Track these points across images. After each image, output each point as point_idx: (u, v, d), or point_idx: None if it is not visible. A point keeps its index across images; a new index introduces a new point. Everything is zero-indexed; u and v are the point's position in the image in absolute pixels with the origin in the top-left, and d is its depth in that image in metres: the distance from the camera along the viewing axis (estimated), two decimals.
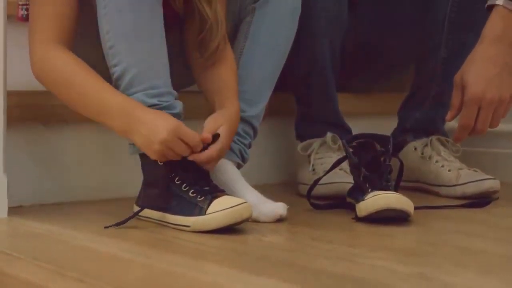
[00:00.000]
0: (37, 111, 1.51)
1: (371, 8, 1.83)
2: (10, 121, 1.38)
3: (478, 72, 1.47)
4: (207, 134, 1.29)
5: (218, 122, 1.33)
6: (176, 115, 1.29)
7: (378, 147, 1.38)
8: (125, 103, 1.27)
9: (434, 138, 1.74)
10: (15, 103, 1.44)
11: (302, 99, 1.73)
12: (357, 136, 1.41)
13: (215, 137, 1.30)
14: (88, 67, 1.30)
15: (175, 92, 1.32)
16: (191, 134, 1.25)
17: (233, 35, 1.47)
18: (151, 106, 1.28)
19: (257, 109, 1.47)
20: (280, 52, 1.49)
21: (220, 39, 1.40)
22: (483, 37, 1.49)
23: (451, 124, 1.75)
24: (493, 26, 1.48)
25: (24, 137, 1.51)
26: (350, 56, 1.81)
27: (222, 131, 1.32)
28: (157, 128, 1.24)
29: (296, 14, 1.49)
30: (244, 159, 1.46)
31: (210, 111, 1.39)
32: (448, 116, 1.51)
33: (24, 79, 1.41)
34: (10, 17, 1.41)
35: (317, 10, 1.60)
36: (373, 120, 1.91)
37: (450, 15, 1.67)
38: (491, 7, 1.48)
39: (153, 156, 1.26)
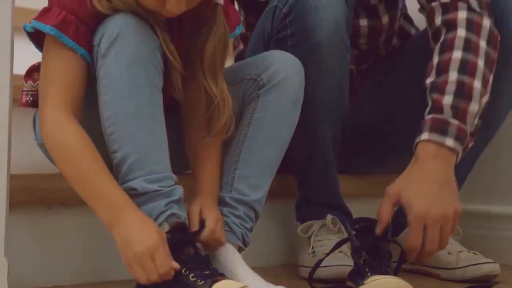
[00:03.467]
0: (40, 194, 1.51)
1: (371, 93, 1.85)
2: (12, 204, 1.38)
3: (419, 191, 1.46)
4: (176, 265, 1.26)
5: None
6: (176, 202, 1.31)
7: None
8: (119, 198, 1.28)
9: None
10: (18, 186, 1.45)
11: (303, 182, 1.74)
12: (358, 220, 1.43)
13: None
14: (95, 150, 1.31)
15: (175, 177, 1.33)
16: (164, 261, 1.24)
17: (237, 121, 1.50)
18: (151, 192, 1.29)
19: (260, 194, 1.48)
20: (283, 138, 1.51)
21: (227, 117, 1.42)
22: (417, 155, 1.50)
23: None
24: (425, 146, 1.49)
25: (26, 220, 1.51)
26: (350, 139, 1.82)
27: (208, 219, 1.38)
28: (135, 238, 1.24)
29: (299, 101, 1.52)
30: (245, 243, 1.46)
31: None
32: (377, 230, 1.45)
33: (26, 162, 1.43)
34: (14, 102, 1.43)
35: (319, 94, 1.62)
36: (373, 203, 1.91)
37: None
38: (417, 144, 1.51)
39: (123, 260, 1.26)
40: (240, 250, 1.45)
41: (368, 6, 1.78)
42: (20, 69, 1.50)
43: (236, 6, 1.77)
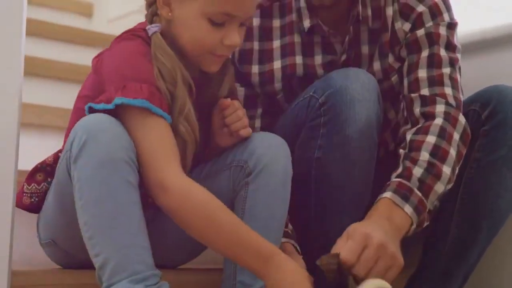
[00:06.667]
0: None
1: (373, 192, 1.83)
2: None
3: (370, 225, 1.44)
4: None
5: None
6: None
7: None
8: (266, 246, 1.33)
9: None
10: (20, 282, 1.43)
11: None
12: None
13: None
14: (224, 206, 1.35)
15: (159, 272, 1.32)
16: None
17: (230, 209, 1.48)
18: None
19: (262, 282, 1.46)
20: (278, 221, 1.49)
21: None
22: (374, 209, 1.51)
23: None
24: (385, 203, 1.51)
25: None
26: None
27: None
28: (288, 282, 1.29)
29: (288, 180, 1.50)
30: None
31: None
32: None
33: (27, 258, 1.42)
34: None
35: (344, 186, 1.60)
36: None
37: (462, 196, 1.68)
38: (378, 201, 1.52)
39: None
40: None
41: None
42: (25, 165, 1.51)
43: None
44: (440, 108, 1.61)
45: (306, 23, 1.71)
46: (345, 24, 1.72)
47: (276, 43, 1.75)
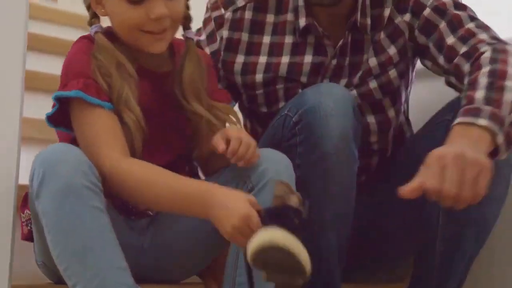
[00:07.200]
0: None
1: (363, 202, 1.84)
2: None
3: (442, 147, 1.36)
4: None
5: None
6: None
7: None
8: (200, 188, 1.38)
9: None
10: None
11: None
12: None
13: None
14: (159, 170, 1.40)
15: None
16: (259, 223, 1.30)
17: None
18: None
19: None
20: None
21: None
22: (446, 140, 1.41)
23: None
24: (454, 128, 1.42)
25: None
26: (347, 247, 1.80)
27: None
28: (227, 214, 1.32)
29: None
30: None
31: None
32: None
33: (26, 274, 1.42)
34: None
35: (325, 204, 1.60)
36: None
37: (443, 209, 1.65)
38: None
39: (226, 236, 1.33)
40: None
41: (373, 103, 1.81)
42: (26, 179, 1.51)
43: (241, 116, 1.82)
44: (484, 48, 1.59)
45: (302, 22, 1.72)
46: (341, 29, 1.73)
47: (266, 39, 1.77)
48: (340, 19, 1.74)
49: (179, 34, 1.57)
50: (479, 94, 1.46)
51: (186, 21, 1.57)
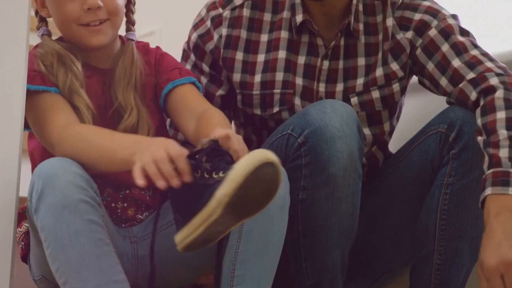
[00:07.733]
0: None
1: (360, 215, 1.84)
2: None
3: (487, 248, 1.44)
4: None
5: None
6: None
7: None
8: (128, 141, 1.40)
9: None
10: None
11: None
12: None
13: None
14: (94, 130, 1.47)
15: None
16: (177, 147, 1.32)
17: (227, 234, 1.47)
18: None
19: None
20: (275, 247, 1.49)
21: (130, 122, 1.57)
22: (485, 213, 1.48)
23: None
24: (489, 201, 1.47)
25: None
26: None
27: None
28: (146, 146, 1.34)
29: (286, 207, 1.50)
30: None
31: None
32: None
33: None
34: None
35: (331, 223, 1.60)
36: None
37: (440, 222, 1.67)
38: (483, 201, 1.49)
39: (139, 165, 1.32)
40: None
41: (372, 114, 1.81)
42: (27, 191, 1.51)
43: (233, 124, 1.84)
44: (493, 80, 1.60)
45: (299, 18, 1.73)
46: (335, 31, 1.74)
47: (264, 37, 1.78)
48: (334, 20, 1.75)
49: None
50: (503, 153, 1.50)
51: (128, 23, 1.66)
